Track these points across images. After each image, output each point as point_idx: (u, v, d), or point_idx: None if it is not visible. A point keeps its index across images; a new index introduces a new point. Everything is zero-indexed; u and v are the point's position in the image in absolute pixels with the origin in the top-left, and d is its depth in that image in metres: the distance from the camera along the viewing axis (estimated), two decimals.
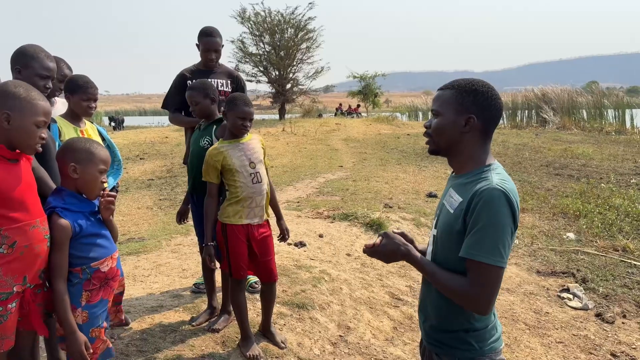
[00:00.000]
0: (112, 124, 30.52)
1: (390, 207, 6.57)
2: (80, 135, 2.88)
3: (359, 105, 34.00)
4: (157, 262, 4.52)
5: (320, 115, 28.92)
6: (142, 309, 3.33)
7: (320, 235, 5.23)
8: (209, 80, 3.54)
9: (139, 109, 66.81)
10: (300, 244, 4.85)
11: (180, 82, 3.57)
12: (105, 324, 2.03)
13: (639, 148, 13.24)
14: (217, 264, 2.96)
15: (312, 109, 28.43)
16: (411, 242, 1.70)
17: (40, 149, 1.86)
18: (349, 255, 4.85)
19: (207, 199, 2.84)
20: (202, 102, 3.11)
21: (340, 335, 3.39)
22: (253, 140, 2.90)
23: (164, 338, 2.97)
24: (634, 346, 3.64)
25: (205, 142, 3.11)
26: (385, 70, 34.00)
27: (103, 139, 3.23)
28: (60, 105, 3.16)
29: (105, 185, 2.05)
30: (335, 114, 32.34)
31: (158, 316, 3.24)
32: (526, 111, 23.56)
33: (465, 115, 1.54)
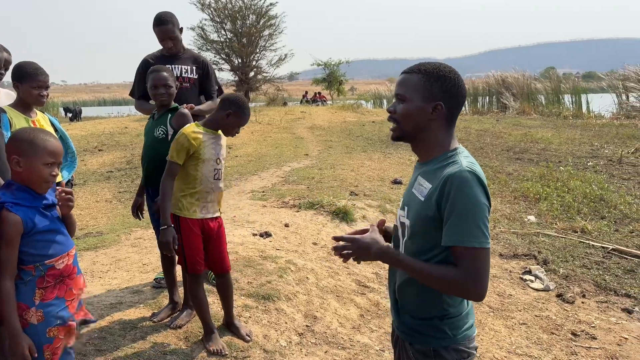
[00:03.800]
0: (69, 114, 29.34)
1: (356, 194, 6.56)
2: (32, 126, 2.73)
3: (319, 93, 33.87)
4: (116, 257, 4.37)
5: (285, 104, 28.69)
6: (100, 306, 3.21)
7: (286, 225, 5.17)
8: (174, 66, 3.42)
9: (97, 99, 64.83)
10: (266, 234, 4.78)
11: (144, 69, 3.42)
12: (72, 322, 1.91)
13: (595, 132, 13.68)
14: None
15: (277, 97, 28.15)
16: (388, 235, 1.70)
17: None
18: (315, 244, 4.81)
19: (166, 177, 2.67)
20: (174, 88, 3.00)
21: (307, 325, 3.36)
22: (223, 137, 2.83)
23: (123, 336, 2.87)
24: (593, 325, 3.74)
25: (160, 132, 2.99)
26: (349, 57, 33.92)
27: (55, 129, 3.09)
28: (3, 95, 2.98)
29: (60, 179, 1.92)
30: (301, 102, 32.18)
31: (117, 313, 3.13)
32: (487, 97, 24.03)
33: (433, 102, 1.50)
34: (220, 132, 2.79)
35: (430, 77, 1.51)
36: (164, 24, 3.35)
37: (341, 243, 1.58)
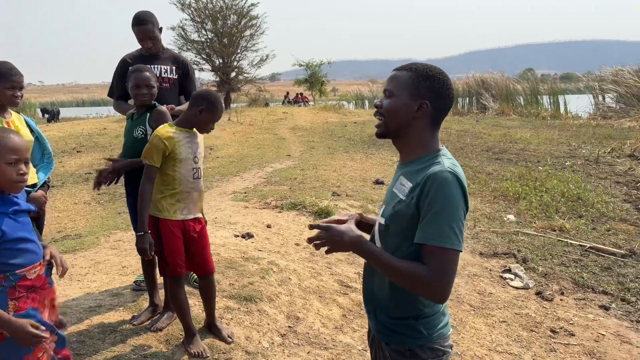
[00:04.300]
0: (46, 115, 28.78)
1: (339, 195, 6.58)
2: (6, 127, 2.68)
3: (301, 94, 33.84)
4: (95, 260, 4.31)
5: (267, 104, 28.63)
6: (79, 310, 3.16)
7: (268, 226, 5.15)
8: (153, 66, 3.39)
9: (76, 100, 63.82)
10: (248, 235, 4.75)
11: (123, 69, 3.38)
12: (48, 335, 1.84)
13: (573, 132, 13.93)
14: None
15: (259, 97, 28.08)
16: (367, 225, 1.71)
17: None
18: (297, 244, 4.80)
19: (144, 182, 2.64)
20: (156, 89, 2.97)
21: (290, 326, 3.35)
22: (199, 134, 2.80)
23: (103, 339, 2.83)
24: (571, 322, 3.80)
25: (139, 132, 2.96)
26: (331, 58, 34.01)
27: (31, 130, 3.03)
28: None
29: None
30: (283, 103, 32.14)
31: (97, 317, 3.08)
32: (467, 98, 24.30)
33: (419, 100, 1.52)
34: (195, 130, 2.74)
35: (419, 76, 1.53)
36: (143, 24, 3.32)
37: (315, 231, 1.57)
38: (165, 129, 2.66)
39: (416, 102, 1.51)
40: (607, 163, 9.62)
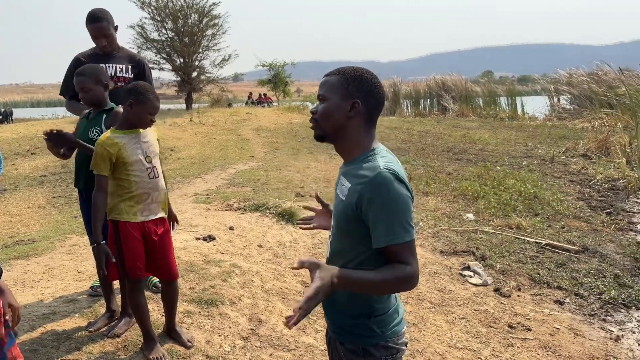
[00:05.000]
0: None
1: (302, 196, 6.57)
2: None
3: (265, 95, 33.67)
4: (49, 265, 4.16)
5: (230, 105, 28.33)
6: (32, 317, 3.04)
7: (231, 228, 5.10)
8: (108, 65, 3.30)
9: (30, 100, 61.58)
10: (209, 238, 4.69)
11: (76, 68, 3.28)
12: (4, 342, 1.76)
13: (529, 133, 14.37)
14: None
15: (222, 98, 27.76)
16: (327, 206, 1.89)
17: None
18: (260, 246, 4.77)
19: (96, 192, 2.57)
20: (95, 89, 2.86)
21: (252, 329, 3.32)
22: (148, 131, 2.71)
23: (57, 347, 2.73)
24: (528, 317, 3.91)
25: (94, 133, 2.87)
26: (295, 59, 33.93)
27: None
28: None
29: None
30: (246, 104, 31.89)
31: (51, 324, 2.98)
32: (428, 100, 24.75)
33: (351, 100, 1.57)
34: (140, 129, 2.66)
35: (347, 78, 1.58)
36: (98, 21, 3.23)
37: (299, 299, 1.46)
38: (107, 135, 2.60)
39: (348, 102, 1.56)
40: (562, 162, 9.97)
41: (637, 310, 4.11)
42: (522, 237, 5.56)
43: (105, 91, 2.92)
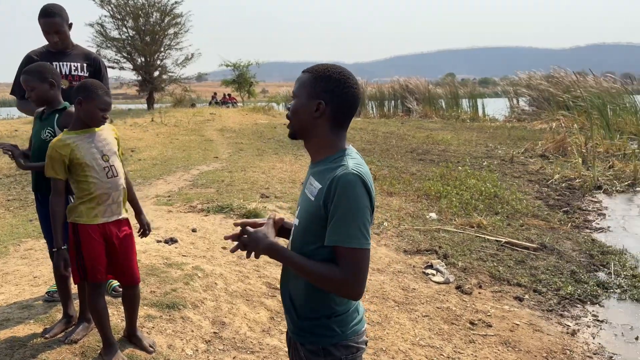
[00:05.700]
0: None
1: (267, 197, 6.53)
2: None
3: (229, 95, 33.35)
4: (3, 271, 3.99)
5: (193, 105, 27.92)
6: None
7: (194, 230, 5.02)
8: (62, 63, 3.19)
9: None
10: (171, 241, 4.60)
11: (27, 65, 3.16)
12: None
13: (490, 134, 14.73)
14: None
15: (184, 98, 27.34)
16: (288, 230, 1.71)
17: None
18: (224, 248, 4.70)
19: (53, 197, 2.51)
20: (39, 87, 2.76)
21: (215, 332, 3.27)
22: (104, 130, 2.63)
23: (11, 355, 2.62)
24: (488, 313, 4.00)
25: (47, 134, 2.78)
26: (261, 59, 33.71)
27: None
28: None
29: None
30: (210, 104, 31.50)
31: (4, 331, 2.86)
32: (393, 101, 25.09)
33: (316, 100, 1.53)
34: (94, 128, 2.58)
35: (316, 77, 1.54)
36: (51, 16, 3.12)
37: (238, 229, 1.60)
38: (58, 138, 2.52)
39: (313, 102, 1.53)
40: (521, 163, 10.26)
41: (593, 305, 4.27)
42: (483, 236, 5.69)
43: (52, 89, 2.81)
